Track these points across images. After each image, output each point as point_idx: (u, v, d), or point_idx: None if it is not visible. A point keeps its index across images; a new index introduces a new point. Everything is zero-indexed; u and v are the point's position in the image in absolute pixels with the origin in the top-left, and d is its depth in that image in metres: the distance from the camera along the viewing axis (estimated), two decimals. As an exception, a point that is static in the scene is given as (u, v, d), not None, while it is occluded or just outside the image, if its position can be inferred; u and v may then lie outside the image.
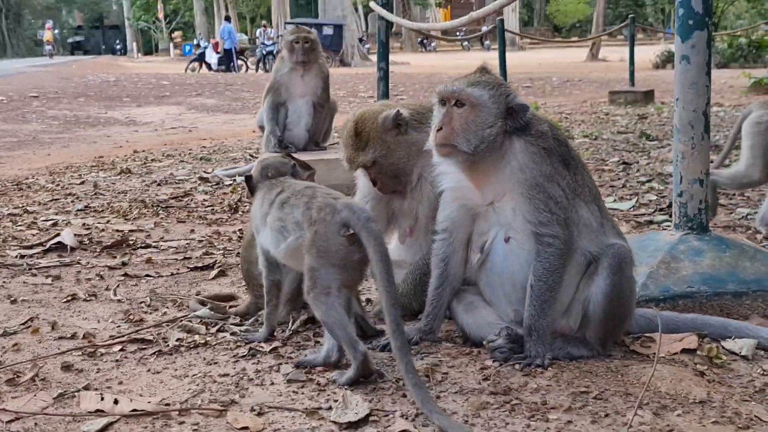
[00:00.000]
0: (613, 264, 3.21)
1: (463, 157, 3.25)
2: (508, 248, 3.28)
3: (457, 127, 3.23)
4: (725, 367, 3.21)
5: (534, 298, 3.19)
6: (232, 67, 35.66)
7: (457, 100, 3.26)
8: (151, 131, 14.44)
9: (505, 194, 3.25)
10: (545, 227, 3.17)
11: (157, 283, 4.62)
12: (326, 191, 3.28)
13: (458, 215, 3.42)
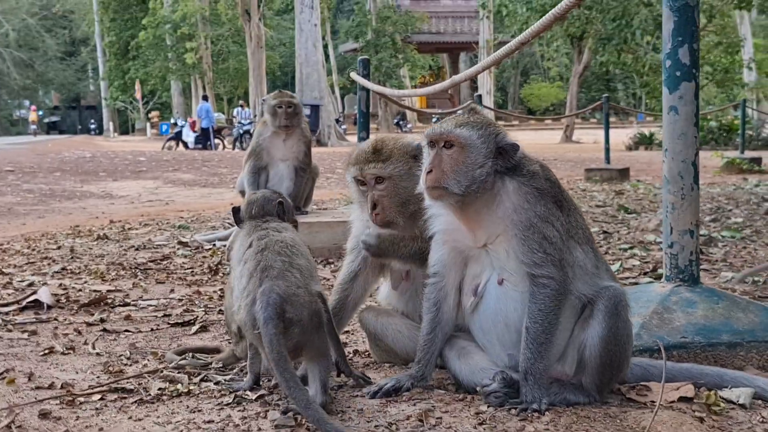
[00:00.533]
0: (609, 306, 3.15)
1: (454, 199, 3.21)
2: (501, 291, 3.21)
3: (447, 168, 3.20)
4: (724, 414, 3.13)
5: (530, 340, 3.11)
6: (209, 146, 35.75)
7: (446, 142, 3.23)
8: (127, 203, 14.34)
9: (498, 236, 3.20)
10: (540, 268, 3.12)
11: (136, 338, 4.49)
12: (274, 260, 3.23)
13: (450, 258, 3.36)
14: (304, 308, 3.19)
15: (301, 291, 3.19)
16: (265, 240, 3.34)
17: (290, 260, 3.27)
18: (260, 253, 3.28)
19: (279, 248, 3.30)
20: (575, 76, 39.57)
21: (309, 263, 3.37)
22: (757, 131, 31.18)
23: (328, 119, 38.74)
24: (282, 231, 3.42)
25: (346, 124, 48.98)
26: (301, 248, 3.38)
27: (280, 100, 7.84)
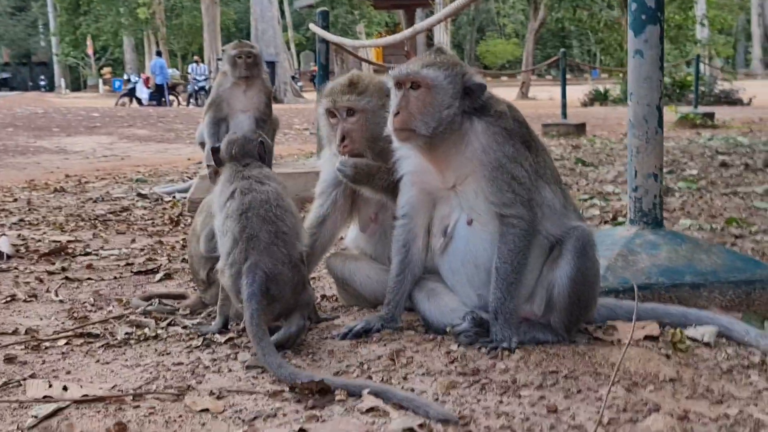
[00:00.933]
0: (578, 246, 3.16)
1: (422, 140, 3.19)
2: (470, 231, 3.22)
3: (414, 110, 3.17)
4: (689, 352, 3.17)
5: (499, 280, 3.12)
6: (163, 103, 35.25)
7: (412, 83, 3.20)
8: (82, 159, 14.10)
9: (467, 176, 3.19)
10: (509, 208, 3.12)
11: (99, 285, 4.44)
12: (259, 229, 3.21)
13: (418, 200, 3.35)
14: (288, 285, 3.20)
15: (285, 269, 3.19)
16: (248, 197, 3.27)
17: (276, 228, 3.22)
18: (244, 216, 3.22)
19: (264, 212, 3.24)
20: (531, 32, 39.60)
21: (295, 219, 3.33)
22: (709, 87, 31.47)
23: (284, 76, 38.36)
24: (265, 182, 3.35)
25: (302, 81, 48.58)
26: (286, 203, 3.33)
27: (239, 50, 7.73)
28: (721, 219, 6.66)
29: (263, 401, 2.68)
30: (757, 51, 61.82)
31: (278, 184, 3.40)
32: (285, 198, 3.35)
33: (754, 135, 16.64)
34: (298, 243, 3.29)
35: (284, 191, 3.39)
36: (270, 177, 3.42)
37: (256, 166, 3.44)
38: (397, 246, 3.39)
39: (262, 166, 3.47)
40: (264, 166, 3.48)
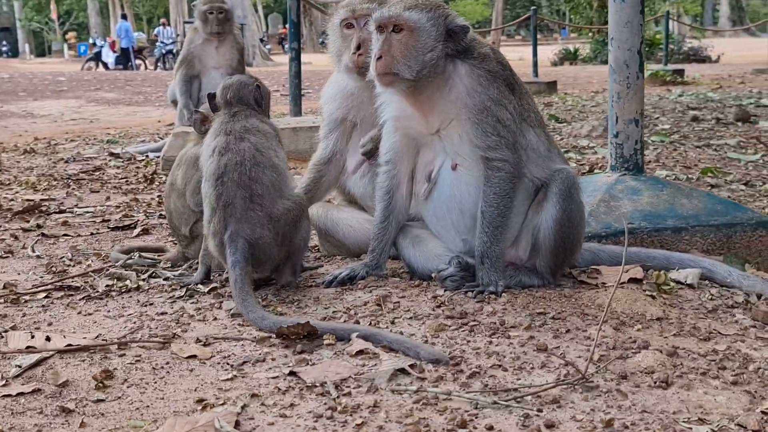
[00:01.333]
0: (563, 189, 3.15)
1: (405, 84, 3.14)
2: (455, 176, 3.19)
3: (397, 53, 3.12)
4: (674, 293, 3.18)
5: (485, 224, 3.10)
6: (129, 67, 34.76)
7: (395, 26, 3.14)
8: (50, 122, 13.89)
9: (451, 120, 3.16)
10: (494, 151, 3.10)
11: (77, 241, 4.37)
12: (234, 196, 3.17)
13: (402, 145, 3.31)
14: (272, 245, 3.17)
15: (265, 231, 3.15)
16: (225, 159, 3.20)
17: (251, 192, 3.17)
18: (219, 181, 3.17)
19: (238, 176, 3.17)
20: (501, -8, 39.39)
21: (275, 172, 3.25)
22: (678, 45, 31.57)
23: (252, 39, 37.96)
24: (245, 137, 3.26)
25: (270, 43, 48.13)
26: (264, 158, 3.24)
27: (210, 5, 7.61)
28: (696, 170, 6.70)
29: (251, 347, 2.66)
30: (725, 8, 62.07)
31: (261, 137, 3.30)
32: (265, 151, 3.27)
33: (723, 90, 16.74)
34: (280, 198, 3.22)
35: (268, 141, 3.30)
36: (252, 129, 3.31)
37: (243, 116, 3.35)
38: (381, 193, 3.35)
39: (251, 116, 3.37)
40: (254, 115, 3.38)
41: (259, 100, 3.43)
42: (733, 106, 12.64)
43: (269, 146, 3.31)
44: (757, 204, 5.46)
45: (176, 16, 41.79)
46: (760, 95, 14.92)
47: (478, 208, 3.14)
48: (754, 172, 6.68)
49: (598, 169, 6.59)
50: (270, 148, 3.31)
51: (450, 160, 3.20)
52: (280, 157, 3.32)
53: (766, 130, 9.58)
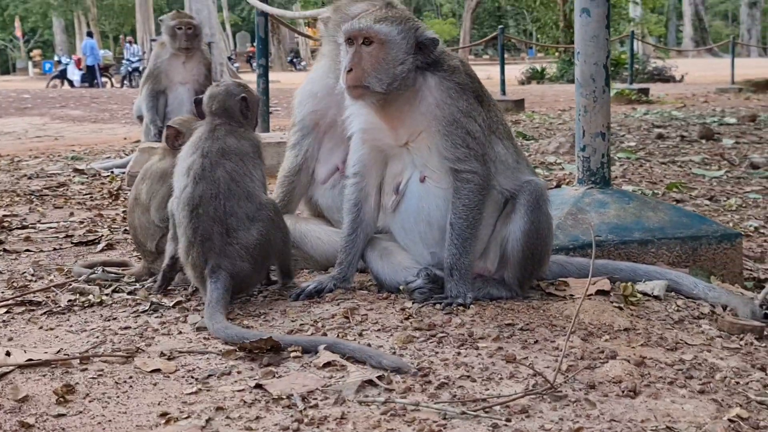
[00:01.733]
0: (531, 200, 3.15)
1: (375, 97, 3.13)
2: (423, 188, 3.18)
3: (368, 66, 3.11)
4: (641, 305, 3.18)
5: (455, 236, 3.09)
6: (95, 84, 34.50)
7: (365, 38, 3.13)
8: (14, 139, 13.73)
9: (420, 132, 3.15)
10: (463, 163, 3.09)
11: (39, 256, 4.30)
12: (210, 230, 3.16)
13: (370, 158, 3.30)
14: (252, 274, 3.21)
15: (245, 264, 3.16)
16: (200, 188, 3.17)
17: (227, 227, 3.15)
18: (195, 213, 3.15)
19: (213, 210, 3.15)
20: (468, 11, 39.77)
21: (250, 199, 3.22)
22: (643, 65, 31.90)
23: (220, 57, 37.68)
24: (219, 164, 3.21)
25: (238, 61, 48.01)
26: (240, 186, 3.21)
27: (179, 20, 7.56)
28: (661, 185, 6.75)
29: (216, 360, 2.62)
30: (688, 29, 62.90)
31: (237, 161, 3.25)
32: (240, 179, 3.22)
33: (687, 109, 16.93)
34: (252, 223, 3.20)
35: (244, 165, 3.26)
36: (229, 152, 3.26)
37: (223, 132, 3.30)
38: (349, 205, 3.33)
39: (231, 132, 3.32)
40: (234, 131, 3.33)
41: (245, 112, 3.40)
42: (697, 124, 12.78)
43: (244, 172, 3.27)
44: (722, 218, 5.51)
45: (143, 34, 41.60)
46: (723, 114, 15.11)
47: (446, 221, 3.13)
48: (718, 188, 6.75)
49: (565, 185, 6.62)
50: (245, 173, 3.26)
51: (418, 172, 3.19)
52: (256, 178, 3.29)
53: (729, 147, 9.70)
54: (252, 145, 3.36)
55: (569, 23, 31.35)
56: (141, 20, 41.04)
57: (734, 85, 24.39)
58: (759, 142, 10.37)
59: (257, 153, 3.35)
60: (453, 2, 60.68)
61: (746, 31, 63.96)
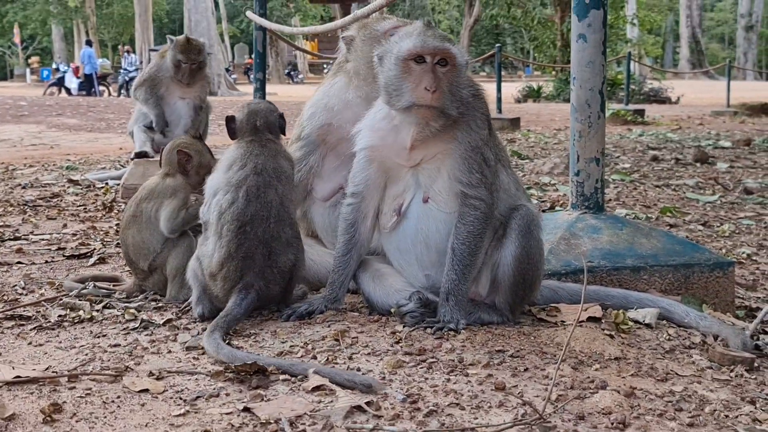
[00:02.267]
0: (522, 225, 3.15)
1: (442, 121, 3.07)
2: (424, 209, 3.17)
3: (445, 88, 3.05)
4: (632, 333, 3.18)
5: (456, 262, 3.09)
6: (93, 93, 34.50)
7: (441, 58, 3.05)
8: (9, 147, 13.71)
9: (435, 154, 3.13)
10: (474, 189, 3.09)
11: (30, 269, 4.29)
12: (255, 250, 3.21)
13: (375, 177, 3.25)
14: (279, 297, 3.30)
15: (276, 287, 3.25)
16: (252, 208, 3.20)
17: (270, 250, 3.22)
18: (242, 230, 3.18)
19: (262, 232, 3.20)
20: (466, 29, 39.87)
21: (291, 225, 3.32)
22: (639, 86, 32.00)
23: (218, 68, 37.87)
24: (273, 185, 3.27)
25: (236, 73, 48.09)
26: (286, 210, 3.29)
27: (186, 55, 7.33)
28: (655, 209, 6.77)
29: (205, 381, 2.61)
30: (685, 51, 63.16)
31: (286, 183, 3.32)
32: (287, 204, 3.31)
33: (683, 131, 16.99)
34: (291, 248, 3.29)
35: (290, 189, 3.35)
36: (281, 173, 3.32)
37: (273, 151, 3.35)
38: (345, 225, 3.31)
39: (279, 152, 3.38)
40: (281, 151, 3.41)
41: (284, 128, 3.46)
42: (692, 147, 12.82)
43: (290, 197, 3.37)
44: (715, 245, 5.52)
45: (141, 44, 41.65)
46: (718, 137, 15.17)
47: (444, 244, 3.13)
48: (712, 213, 6.77)
49: (559, 206, 6.64)
50: (290, 198, 3.36)
51: (421, 192, 3.17)
52: (294, 201, 3.45)
53: (723, 172, 9.73)
54: (291, 167, 3.44)
55: (566, 43, 31.45)
56: (140, 30, 41.06)
57: (730, 108, 24.50)
58: (753, 166, 10.41)
59: (293, 174, 3.44)
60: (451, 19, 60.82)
61: (742, 54, 64.24)
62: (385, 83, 3.09)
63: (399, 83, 3.04)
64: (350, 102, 3.75)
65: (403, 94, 3.03)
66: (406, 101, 3.03)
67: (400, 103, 3.05)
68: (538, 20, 33.96)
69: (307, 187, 3.84)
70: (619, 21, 36.10)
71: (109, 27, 54.71)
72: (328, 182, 3.82)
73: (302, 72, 52.56)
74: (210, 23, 38.00)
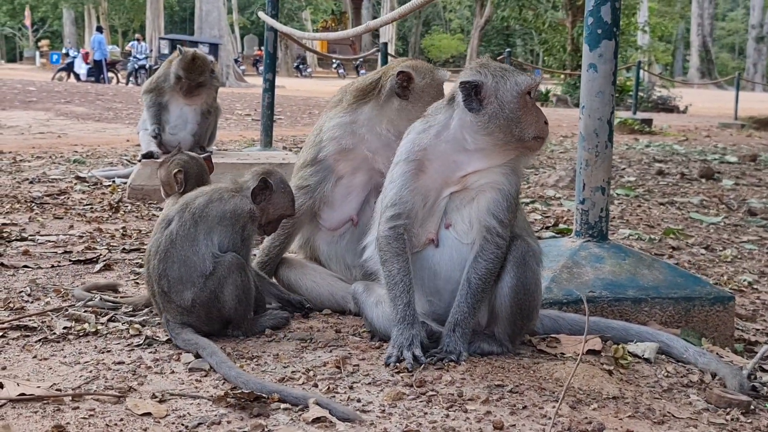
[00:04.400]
0: (517, 257, 3.19)
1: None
2: (443, 236, 3.22)
3: None
4: (630, 368, 3.21)
5: (470, 294, 3.13)
6: (102, 79, 34.56)
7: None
8: (17, 134, 13.78)
9: (482, 185, 3.18)
10: (504, 228, 3.16)
11: (36, 274, 4.32)
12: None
13: (418, 197, 3.21)
14: (211, 320, 3.34)
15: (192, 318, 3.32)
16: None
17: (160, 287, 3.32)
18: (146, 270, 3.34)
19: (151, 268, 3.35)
20: (476, 29, 39.86)
21: (185, 264, 3.31)
22: (647, 93, 32.02)
23: (227, 59, 37.96)
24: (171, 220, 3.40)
25: (245, 64, 48.13)
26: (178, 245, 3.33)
27: (187, 73, 7.31)
28: (659, 229, 6.79)
29: (207, 407, 2.64)
30: (694, 60, 63.12)
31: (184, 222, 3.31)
32: (180, 241, 3.28)
33: (689, 143, 17.01)
34: (190, 287, 3.26)
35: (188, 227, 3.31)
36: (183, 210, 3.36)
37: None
38: (397, 247, 3.19)
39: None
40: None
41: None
42: (698, 161, 12.86)
43: (187, 234, 3.34)
44: (717, 270, 5.55)
45: (152, 32, 41.71)
46: (725, 151, 15.19)
47: (453, 273, 3.19)
48: (715, 236, 6.79)
49: (563, 223, 6.66)
50: (185, 236, 3.34)
51: (445, 220, 3.22)
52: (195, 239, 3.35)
53: (728, 189, 9.75)
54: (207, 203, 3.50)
55: (577, 47, 31.47)
56: (151, 17, 41.13)
57: (737, 121, 24.50)
58: (758, 184, 10.43)
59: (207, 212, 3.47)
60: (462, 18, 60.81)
61: (752, 65, 64.20)
62: (501, 116, 3.11)
63: (518, 115, 3.12)
64: (381, 135, 3.72)
65: (525, 127, 3.12)
66: (530, 133, 3.13)
67: (525, 134, 3.13)
68: (549, 23, 33.96)
69: (313, 213, 3.82)
70: (630, 27, 36.10)
71: (120, 13, 54.73)
72: (337, 212, 3.80)
73: (311, 66, 52.59)
74: (221, 13, 38.06)
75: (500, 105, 3.11)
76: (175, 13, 60.80)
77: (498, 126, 3.12)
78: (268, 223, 3.50)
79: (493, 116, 3.11)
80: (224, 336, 3.32)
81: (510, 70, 3.20)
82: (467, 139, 3.15)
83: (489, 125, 3.12)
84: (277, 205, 3.48)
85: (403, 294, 3.14)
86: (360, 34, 6.88)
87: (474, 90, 3.12)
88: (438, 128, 3.20)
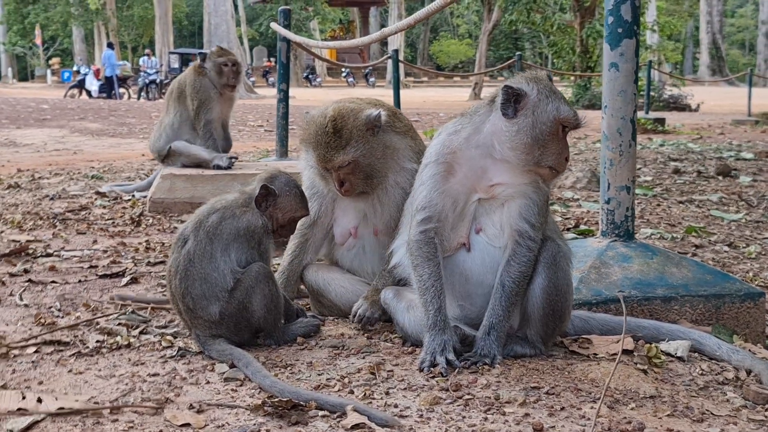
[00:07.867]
0: (548, 258, 3.20)
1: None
2: (474, 241, 3.22)
3: None
4: (664, 367, 3.20)
5: (504, 298, 3.13)
6: (113, 95, 34.69)
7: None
8: (33, 152, 13.83)
9: (513, 192, 3.19)
10: (536, 231, 3.17)
11: (64, 289, 4.34)
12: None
13: (448, 200, 3.21)
14: (241, 330, 3.36)
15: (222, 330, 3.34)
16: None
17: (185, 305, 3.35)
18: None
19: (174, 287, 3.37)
20: (484, 33, 39.78)
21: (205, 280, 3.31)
22: (658, 92, 31.90)
23: (237, 70, 38.03)
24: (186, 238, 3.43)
25: (254, 76, 48.26)
26: (194, 268, 3.37)
27: (226, 57, 7.47)
28: (680, 228, 6.75)
29: (245, 416, 2.64)
30: (705, 57, 62.91)
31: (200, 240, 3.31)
32: (198, 259, 3.28)
33: (704, 141, 16.93)
34: (215, 302, 3.26)
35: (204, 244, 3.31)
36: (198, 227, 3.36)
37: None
38: (427, 252, 3.19)
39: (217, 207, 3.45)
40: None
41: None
42: (714, 158, 12.79)
43: (205, 252, 3.35)
44: (742, 267, 5.51)
45: (161, 46, 41.88)
46: (740, 147, 15.10)
47: (485, 277, 3.21)
48: (737, 233, 6.75)
49: (583, 224, 6.64)
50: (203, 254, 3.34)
51: (475, 225, 3.22)
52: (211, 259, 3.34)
53: (746, 186, 9.70)
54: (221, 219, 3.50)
55: (586, 48, 31.41)
56: (160, 32, 41.29)
57: (751, 117, 24.40)
58: (776, 180, 10.37)
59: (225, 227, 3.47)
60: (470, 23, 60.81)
61: (763, 61, 63.92)
62: (530, 133, 3.09)
63: (545, 140, 3.10)
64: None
65: (547, 155, 3.11)
66: (548, 162, 3.12)
67: (543, 160, 3.12)
68: (558, 26, 33.88)
69: (323, 227, 3.87)
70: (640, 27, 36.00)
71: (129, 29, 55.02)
72: (339, 225, 3.83)
73: (320, 75, 52.68)
74: (229, 26, 38.17)
75: (534, 122, 3.10)
76: (183, 27, 61.06)
77: (523, 142, 3.10)
78: (281, 227, 3.46)
79: (522, 129, 3.10)
80: (256, 345, 3.33)
81: (559, 95, 3.18)
82: (495, 147, 3.15)
83: (516, 138, 3.11)
84: (285, 209, 3.44)
85: (434, 299, 3.13)
86: (374, 41, 6.90)
87: (515, 97, 3.12)
88: (470, 131, 3.20)
